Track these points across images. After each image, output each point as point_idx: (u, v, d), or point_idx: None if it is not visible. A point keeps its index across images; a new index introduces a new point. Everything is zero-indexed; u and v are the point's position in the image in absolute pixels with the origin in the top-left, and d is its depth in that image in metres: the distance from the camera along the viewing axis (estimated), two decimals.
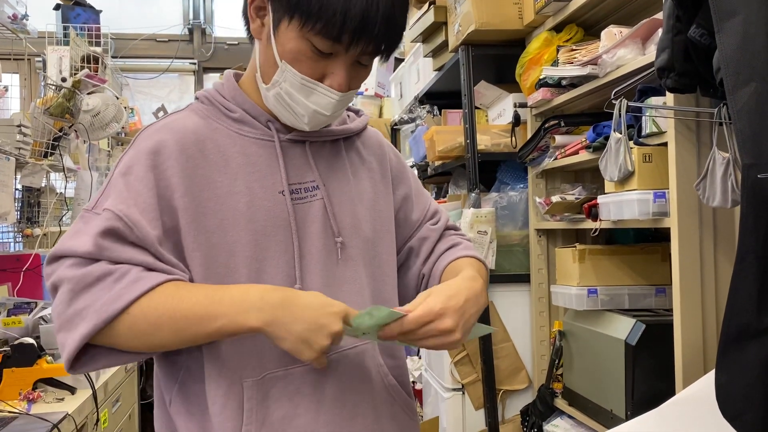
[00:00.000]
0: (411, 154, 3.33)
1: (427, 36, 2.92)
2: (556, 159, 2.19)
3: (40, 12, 3.83)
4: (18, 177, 2.99)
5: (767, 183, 0.98)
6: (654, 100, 1.63)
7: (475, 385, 2.46)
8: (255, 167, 1.10)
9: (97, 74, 3.51)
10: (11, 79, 3.58)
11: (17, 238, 3.33)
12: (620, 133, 1.70)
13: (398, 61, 3.78)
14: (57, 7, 4.11)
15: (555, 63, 2.10)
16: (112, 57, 4.58)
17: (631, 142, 1.70)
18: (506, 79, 2.59)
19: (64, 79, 3.26)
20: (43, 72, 3.44)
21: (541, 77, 2.15)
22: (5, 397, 2.14)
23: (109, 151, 4.40)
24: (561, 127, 2.18)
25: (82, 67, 3.52)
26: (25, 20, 3.25)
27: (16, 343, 2.27)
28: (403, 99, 3.71)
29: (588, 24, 2.16)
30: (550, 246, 2.40)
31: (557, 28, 2.19)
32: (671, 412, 1.32)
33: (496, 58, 2.53)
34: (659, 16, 1.60)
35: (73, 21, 4.05)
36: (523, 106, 2.40)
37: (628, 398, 1.76)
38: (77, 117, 3.25)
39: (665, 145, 1.60)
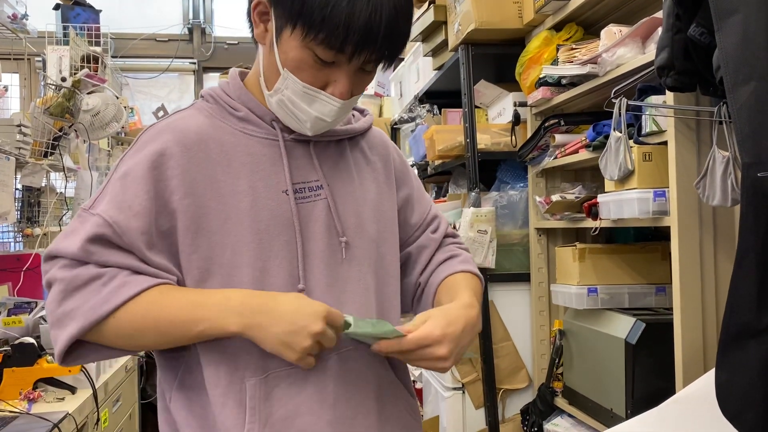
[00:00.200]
0: (411, 153, 3.32)
1: (426, 35, 2.92)
2: (556, 158, 2.18)
3: (40, 12, 3.83)
4: (18, 177, 2.99)
5: (767, 182, 0.98)
6: (654, 99, 1.63)
7: (476, 384, 2.46)
8: (259, 166, 1.10)
9: (96, 74, 3.50)
10: (11, 78, 3.58)
11: (17, 238, 3.33)
12: (620, 132, 1.70)
13: (398, 61, 3.78)
14: (57, 7, 4.10)
15: (555, 62, 2.10)
16: (112, 57, 4.57)
17: (631, 141, 1.70)
18: (506, 78, 2.59)
19: (63, 79, 3.26)
20: (43, 72, 3.43)
21: (541, 76, 2.15)
22: (6, 397, 2.14)
23: (109, 150, 4.39)
24: (561, 126, 2.18)
25: (82, 67, 3.51)
26: (24, 20, 3.25)
27: (17, 342, 2.27)
28: (403, 98, 3.71)
29: (588, 23, 2.16)
30: (550, 245, 2.40)
31: (557, 27, 2.19)
32: (671, 411, 1.32)
33: (496, 57, 2.53)
34: (659, 14, 1.60)
35: (72, 21, 4.04)
36: (523, 105, 2.40)
37: (628, 397, 1.76)
38: (77, 117, 3.25)
39: (665, 143, 1.60)
